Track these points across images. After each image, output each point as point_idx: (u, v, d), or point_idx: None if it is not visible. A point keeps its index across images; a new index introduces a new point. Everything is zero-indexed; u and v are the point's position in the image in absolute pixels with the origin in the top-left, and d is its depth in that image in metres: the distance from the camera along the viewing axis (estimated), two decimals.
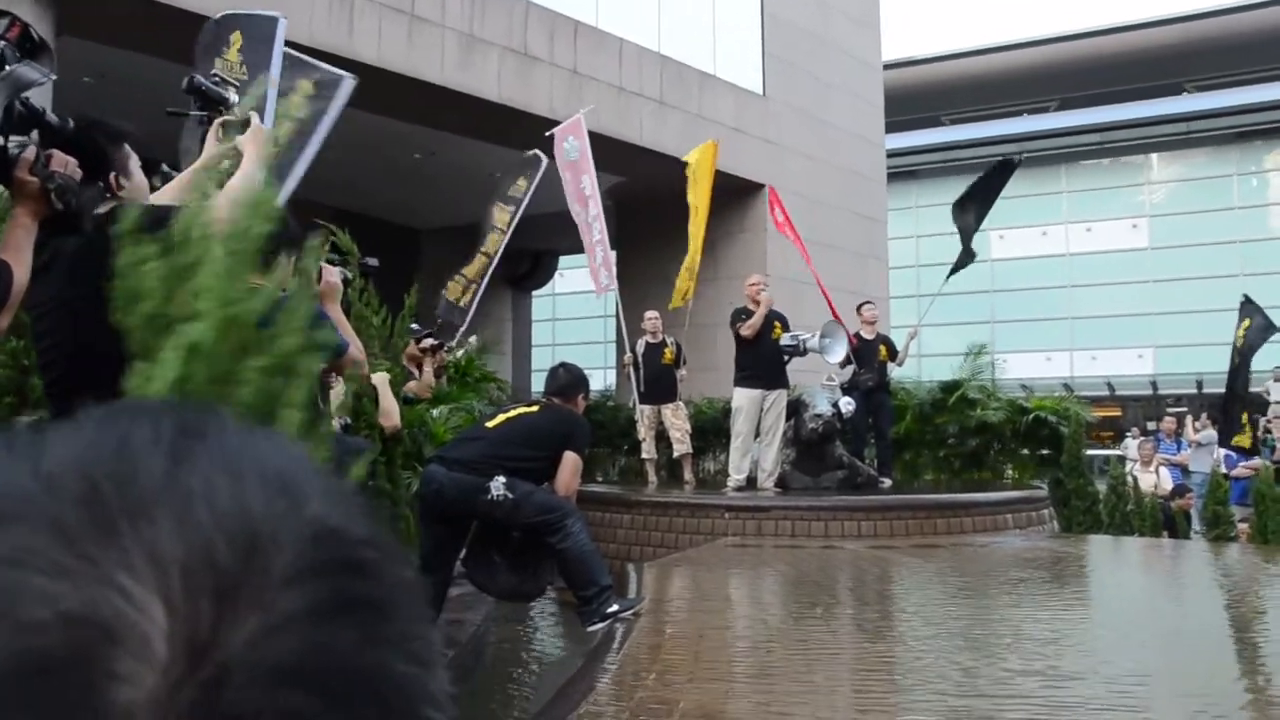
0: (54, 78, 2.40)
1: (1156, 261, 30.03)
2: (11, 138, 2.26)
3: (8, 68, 2.24)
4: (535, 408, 5.21)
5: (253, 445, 0.35)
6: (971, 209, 10.39)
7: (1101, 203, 31.35)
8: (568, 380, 5.42)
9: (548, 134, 10.39)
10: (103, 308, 2.99)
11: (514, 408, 5.32)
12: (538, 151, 9.99)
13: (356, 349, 4.22)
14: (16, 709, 0.27)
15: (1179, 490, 11.71)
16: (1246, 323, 10.93)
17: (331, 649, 0.31)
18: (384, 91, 10.55)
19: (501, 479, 4.68)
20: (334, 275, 4.22)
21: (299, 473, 0.35)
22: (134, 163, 3.25)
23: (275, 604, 0.31)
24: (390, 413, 5.89)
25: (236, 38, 4.65)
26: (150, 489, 0.32)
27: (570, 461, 4.88)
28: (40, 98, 2.45)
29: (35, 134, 2.34)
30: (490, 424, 5.10)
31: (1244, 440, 11.74)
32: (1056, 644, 4.46)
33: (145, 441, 0.33)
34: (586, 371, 5.65)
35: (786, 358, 8.92)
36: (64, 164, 2.34)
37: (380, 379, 5.88)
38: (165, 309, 1.31)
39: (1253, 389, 13.93)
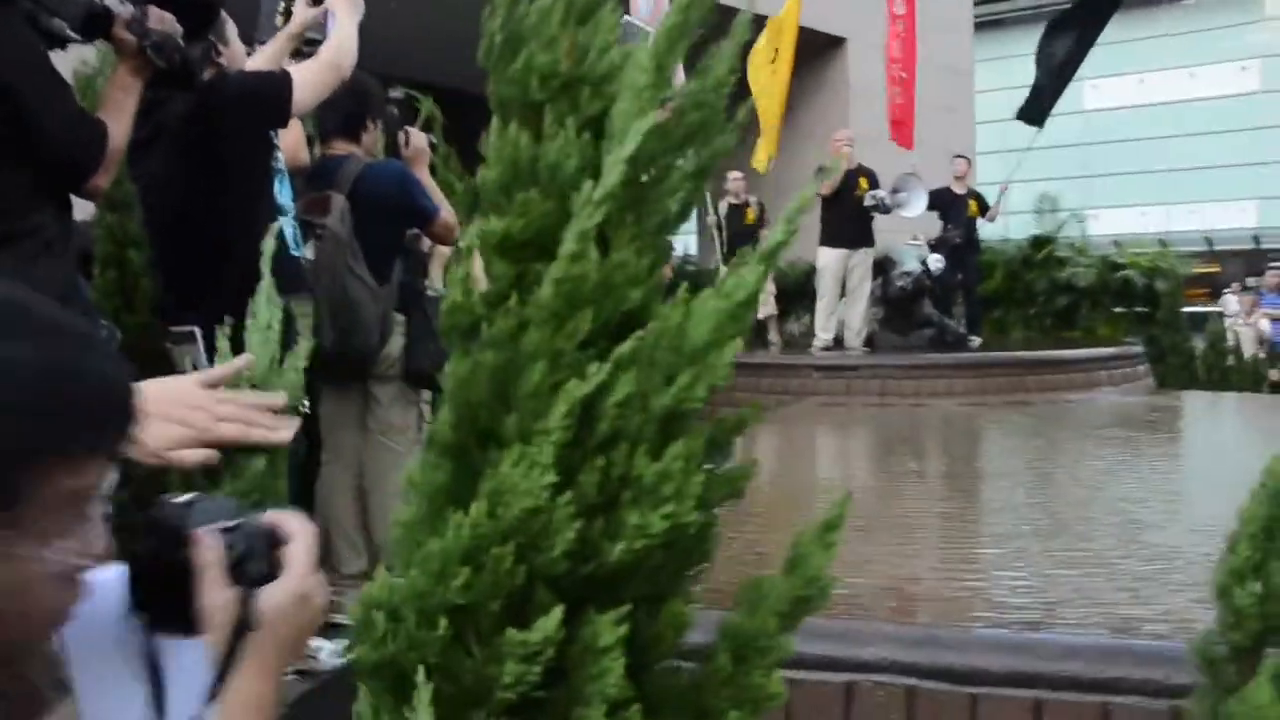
0: None
1: (1266, 106, 28.48)
2: None
3: None
4: None
5: None
6: (1063, 42, 9.70)
7: (1207, 45, 29.65)
8: None
9: None
10: (205, 183, 3.05)
11: None
12: (625, 15, 9.74)
13: (448, 213, 4.24)
14: None
15: (1274, 351, 11.37)
16: None
17: None
18: None
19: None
20: (421, 139, 4.22)
21: None
22: (231, 28, 3.25)
23: None
24: (480, 278, 5.96)
25: None
26: None
27: None
28: None
29: None
30: None
31: None
32: (1143, 496, 4.43)
33: None
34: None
35: (871, 216, 8.74)
36: (160, 19, 2.33)
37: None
38: None
39: None
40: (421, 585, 0.70)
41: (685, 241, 18.13)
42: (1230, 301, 14.34)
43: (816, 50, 14.30)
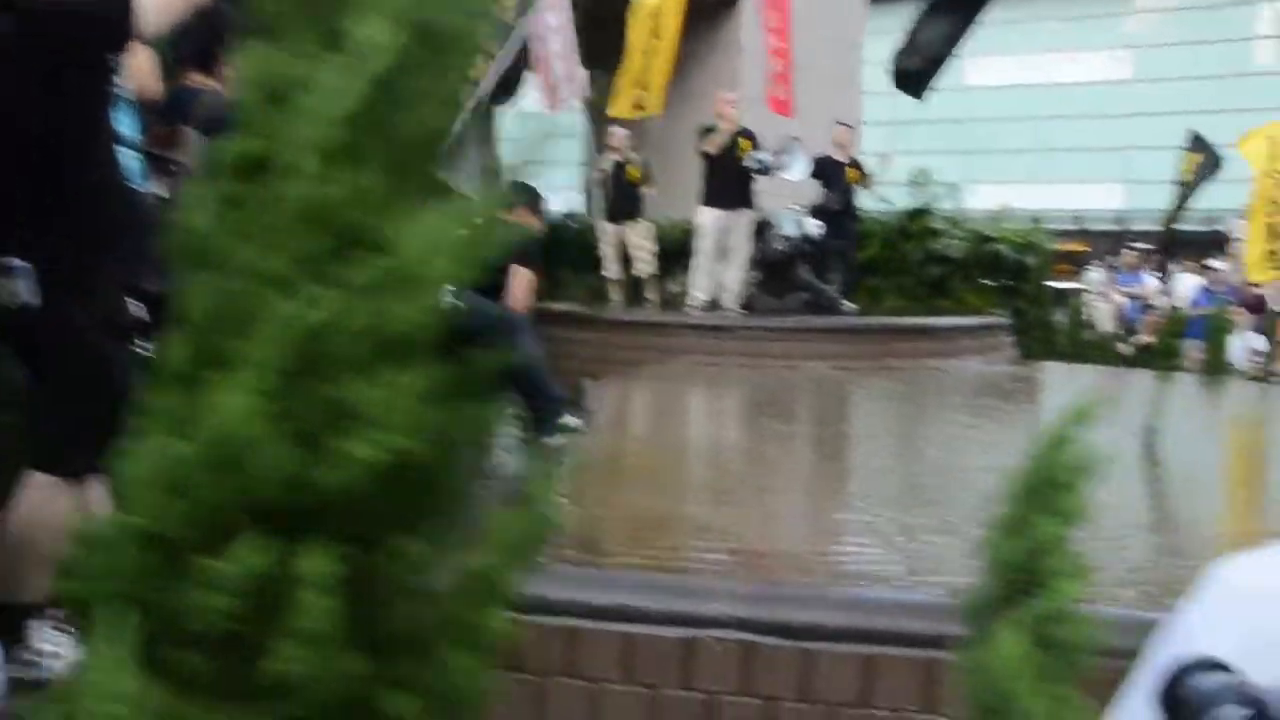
0: None
1: (1136, 94, 29.61)
2: None
3: None
4: None
5: None
6: (940, 23, 9.86)
7: (1085, 31, 30.62)
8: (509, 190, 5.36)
9: None
10: (33, 109, 2.82)
11: None
12: None
13: None
14: None
15: (1128, 327, 11.90)
16: (1195, 158, 10.67)
17: None
18: None
19: (448, 288, 4.60)
20: None
21: None
22: None
23: None
24: None
25: None
26: None
27: (521, 276, 4.81)
28: None
29: None
30: None
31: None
32: (996, 450, 4.54)
33: None
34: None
35: (752, 178, 8.75)
36: None
37: None
38: None
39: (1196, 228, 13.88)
40: (118, 514, 0.64)
41: (574, 198, 18.00)
42: (1093, 278, 14.90)
43: (709, 10, 14.24)
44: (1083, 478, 0.76)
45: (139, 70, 3.38)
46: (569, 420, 4.72)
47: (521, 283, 4.81)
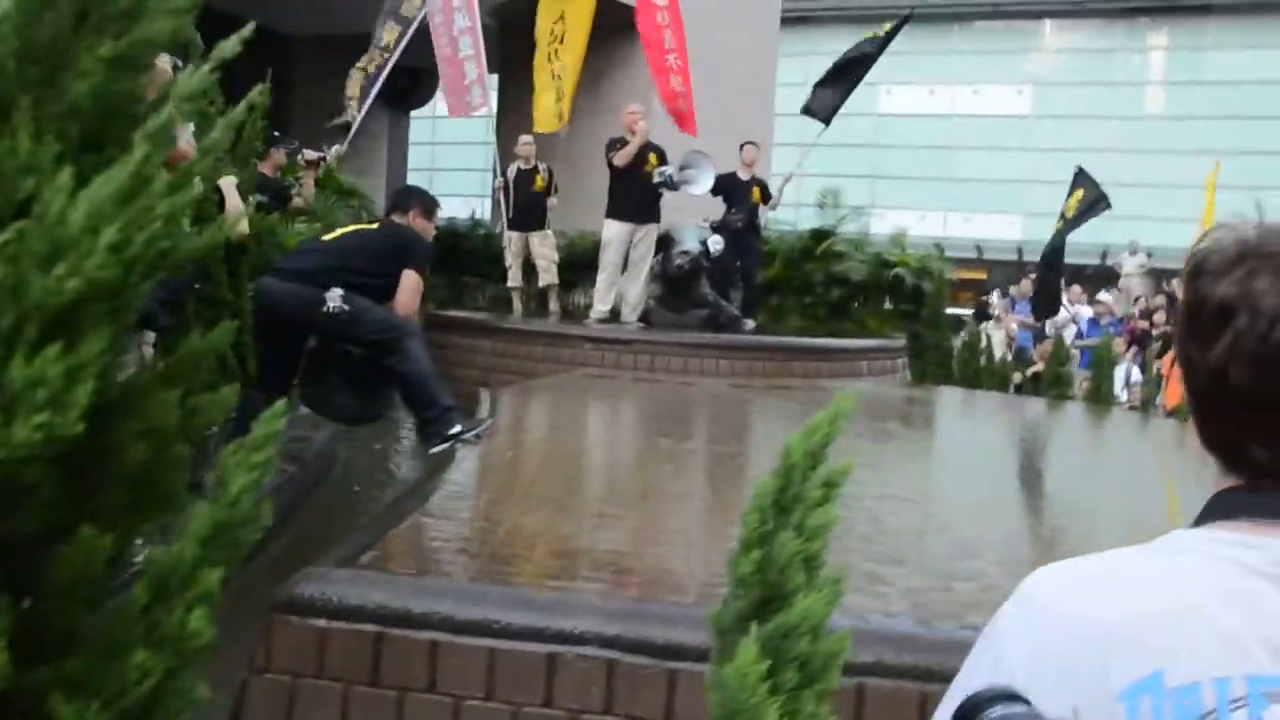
0: None
1: (1036, 129, 30.55)
2: None
3: None
4: (374, 225, 5.03)
5: None
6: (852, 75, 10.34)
7: (990, 66, 31.50)
8: (401, 193, 5.33)
9: None
10: None
11: (354, 224, 5.13)
12: None
13: (186, 144, 3.93)
14: None
15: (1020, 357, 12.25)
16: (1079, 194, 10.95)
17: None
18: None
19: (338, 291, 4.50)
20: (163, 60, 3.89)
21: None
22: None
23: None
24: (236, 217, 5.60)
25: None
26: None
27: (410, 281, 4.71)
28: None
29: None
30: (328, 237, 4.90)
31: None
32: (879, 474, 4.61)
33: None
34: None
35: (660, 192, 8.77)
36: None
37: (227, 182, 5.57)
38: None
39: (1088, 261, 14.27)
40: None
41: (482, 205, 17.84)
42: (990, 306, 15.28)
43: (620, 23, 14.26)
44: (828, 494, 0.74)
45: None
46: (457, 429, 4.64)
47: (409, 287, 4.72)
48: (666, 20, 10.11)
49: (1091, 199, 10.67)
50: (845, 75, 10.67)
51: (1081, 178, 10.93)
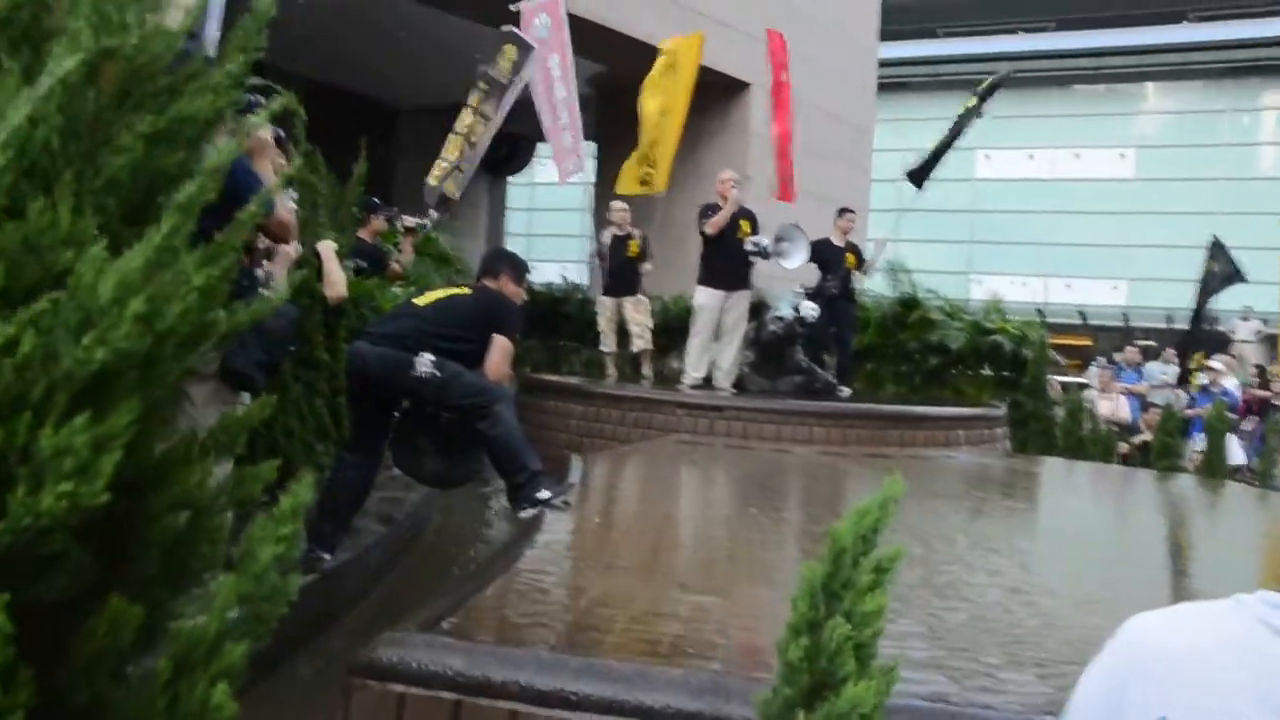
0: None
1: (1140, 193, 29.84)
2: None
3: None
4: (466, 290, 5.07)
5: None
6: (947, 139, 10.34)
7: (1092, 129, 30.98)
8: (492, 257, 5.36)
9: (513, 6, 9.83)
10: None
11: (446, 288, 5.18)
12: (514, 28, 9.58)
13: (285, 210, 4.04)
14: None
15: (1130, 429, 11.84)
16: (1211, 264, 10.80)
17: None
18: None
19: (429, 356, 4.54)
20: (264, 130, 4.01)
21: None
22: None
23: None
24: (335, 283, 5.73)
25: None
26: None
27: (500, 345, 4.74)
28: None
29: None
30: (420, 301, 4.95)
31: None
32: (990, 550, 4.45)
33: None
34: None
35: (752, 260, 8.76)
36: None
37: (325, 247, 5.71)
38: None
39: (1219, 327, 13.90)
40: None
41: (580, 270, 18.08)
42: (1093, 374, 14.82)
43: (720, 92, 14.43)
44: (878, 579, 0.71)
45: None
46: (546, 494, 4.62)
47: (500, 352, 4.75)
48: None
49: (1223, 274, 10.52)
50: (943, 141, 10.62)
51: (1215, 248, 10.78)
